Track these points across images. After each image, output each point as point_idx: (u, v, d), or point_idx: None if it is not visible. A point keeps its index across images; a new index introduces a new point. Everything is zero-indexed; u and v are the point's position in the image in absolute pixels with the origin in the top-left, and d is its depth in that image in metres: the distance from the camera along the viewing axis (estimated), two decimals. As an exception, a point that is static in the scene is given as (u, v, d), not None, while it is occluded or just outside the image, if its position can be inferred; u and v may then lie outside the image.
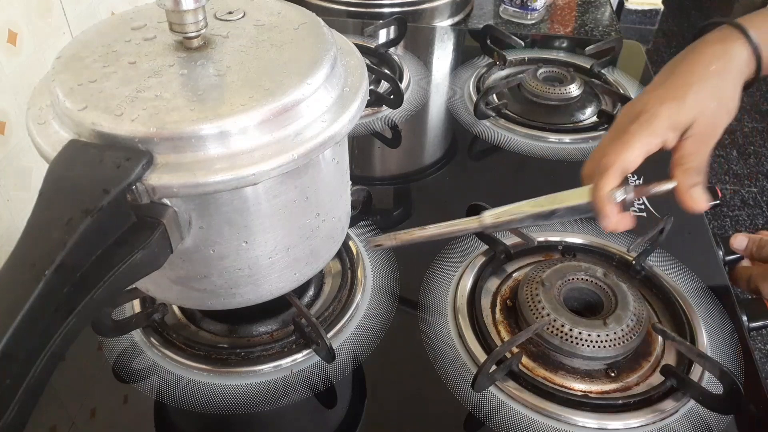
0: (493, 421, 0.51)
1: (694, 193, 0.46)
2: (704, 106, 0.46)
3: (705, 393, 0.51)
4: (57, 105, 0.39)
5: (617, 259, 0.65)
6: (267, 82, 0.40)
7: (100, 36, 0.44)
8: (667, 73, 0.49)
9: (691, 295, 0.61)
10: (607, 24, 1.19)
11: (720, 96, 0.47)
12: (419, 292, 0.62)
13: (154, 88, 0.39)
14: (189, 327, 0.58)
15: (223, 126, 0.37)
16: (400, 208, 0.77)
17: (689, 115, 0.46)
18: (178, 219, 0.40)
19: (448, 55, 1.07)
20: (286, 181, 0.43)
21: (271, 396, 0.53)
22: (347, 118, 0.42)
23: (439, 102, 0.92)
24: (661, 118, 0.45)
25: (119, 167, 0.35)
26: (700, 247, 0.67)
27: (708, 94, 0.46)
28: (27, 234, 0.33)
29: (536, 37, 1.10)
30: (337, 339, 0.58)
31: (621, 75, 0.97)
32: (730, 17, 0.50)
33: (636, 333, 0.54)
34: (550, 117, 0.86)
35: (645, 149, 0.46)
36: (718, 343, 0.57)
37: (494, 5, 1.24)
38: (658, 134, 0.46)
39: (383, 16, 1.11)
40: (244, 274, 0.46)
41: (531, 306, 0.56)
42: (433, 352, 0.56)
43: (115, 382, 0.54)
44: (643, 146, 0.45)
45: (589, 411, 0.51)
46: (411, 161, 0.85)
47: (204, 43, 0.43)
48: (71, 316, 0.33)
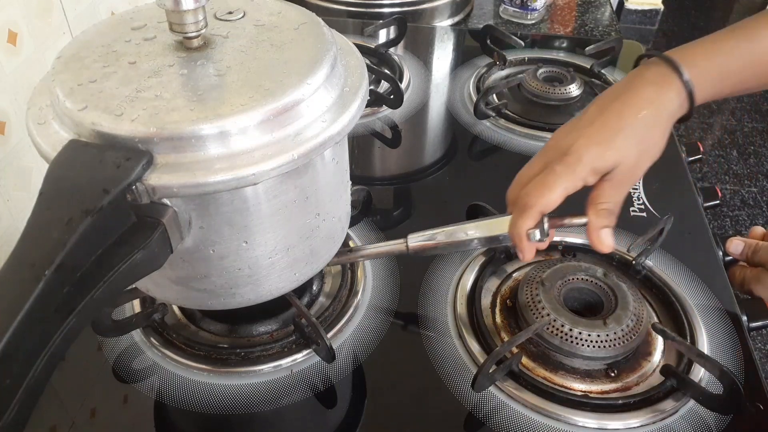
0: (493, 421, 0.51)
1: (602, 234, 0.48)
2: (628, 153, 0.47)
3: (705, 393, 0.51)
4: (57, 105, 0.39)
5: (617, 259, 0.65)
6: (267, 82, 0.40)
7: (100, 36, 0.44)
8: (599, 109, 0.49)
9: (691, 295, 0.61)
10: (607, 24, 1.19)
11: (646, 143, 0.48)
12: (419, 292, 0.62)
13: (154, 88, 0.39)
14: (189, 327, 0.58)
15: (223, 126, 0.37)
16: (400, 208, 0.77)
17: (612, 161, 0.47)
18: (178, 219, 0.40)
19: (448, 55, 1.07)
20: (286, 181, 0.43)
21: (271, 396, 0.53)
22: (347, 118, 0.42)
23: (439, 102, 0.92)
24: (585, 163, 0.46)
25: (119, 167, 0.35)
26: (700, 247, 0.67)
27: (634, 142, 0.47)
28: (27, 234, 0.33)
29: (536, 37, 1.10)
30: (337, 339, 0.58)
31: (621, 75, 0.97)
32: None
33: (636, 333, 0.54)
34: (550, 117, 0.86)
35: (566, 192, 0.47)
36: (718, 343, 0.57)
37: (494, 5, 1.24)
38: (579, 178, 0.47)
39: (383, 16, 1.11)
40: (244, 274, 0.46)
41: (531, 306, 0.56)
42: (433, 352, 0.56)
43: (115, 382, 0.54)
44: (565, 189, 0.47)
45: (589, 411, 0.51)
46: (411, 161, 0.85)
47: (204, 43, 0.43)
48: (71, 316, 0.33)
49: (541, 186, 0.47)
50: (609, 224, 0.48)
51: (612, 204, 0.48)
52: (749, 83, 0.51)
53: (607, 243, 0.48)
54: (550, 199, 0.46)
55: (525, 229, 0.47)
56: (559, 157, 0.47)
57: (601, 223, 0.48)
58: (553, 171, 0.47)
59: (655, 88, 0.48)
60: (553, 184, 0.46)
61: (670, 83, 0.48)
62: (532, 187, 0.47)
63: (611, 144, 0.46)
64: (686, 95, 0.48)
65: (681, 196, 0.75)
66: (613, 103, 0.48)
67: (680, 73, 0.48)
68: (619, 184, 0.48)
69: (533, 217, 0.47)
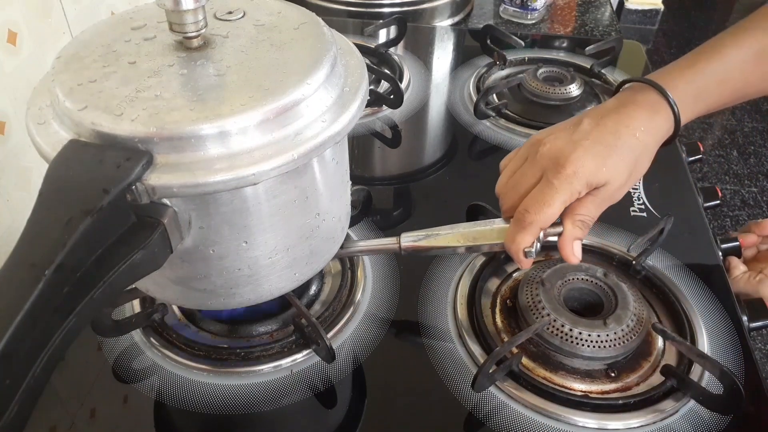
0: (493, 421, 0.51)
1: (574, 246, 0.49)
2: (619, 174, 0.47)
3: (705, 393, 0.51)
4: (57, 105, 0.39)
5: (617, 259, 0.65)
6: (267, 82, 0.40)
7: (100, 36, 0.44)
8: (594, 122, 0.49)
9: (691, 295, 0.61)
10: (607, 24, 1.19)
11: (636, 166, 0.49)
12: (419, 292, 0.62)
13: (154, 88, 0.39)
14: (189, 327, 0.58)
15: (223, 126, 0.37)
16: (400, 208, 0.77)
17: (604, 178, 0.47)
18: (178, 219, 0.40)
19: (448, 55, 1.07)
20: (286, 181, 0.42)
21: (271, 396, 0.53)
22: (347, 118, 0.42)
23: (439, 102, 0.92)
24: (581, 177, 0.46)
25: (119, 167, 0.35)
26: (700, 247, 0.67)
27: (627, 164, 0.48)
28: (27, 234, 0.33)
29: (536, 37, 1.10)
30: (337, 339, 0.58)
31: (621, 75, 0.97)
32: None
33: (636, 333, 0.54)
34: (550, 117, 0.86)
35: (563, 206, 0.47)
36: (718, 343, 0.57)
37: (494, 5, 1.24)
38: (576, 192, 0.47)
39: (383, 16, 1.11)
40: (244, 274, 0.46)
41: (531, 306, 0.56)
42: (433, 352, 0.56)
43: (115, 382, 0.54)
44: (563, 203, 0.47)
45: (589, 411, 0.51)
46: (411, 161, 0.85)
47: (204, 43, 0.43)
48: (71, 316, 0.33)
49: (541, 203, 0.47)
50: (582, 237, 0.49)
51: (589, 218, 0.49)
52: (725, 99, 0.52)
53: (578, 254, 0.50)
54: (550, 215, 0.47)
55: (525, 245, 0.48)
56: (554, 167, 0.47)
57: (576, 234, 0.49)
58: (551, 185, 0.47)
59: (647, 113, 0.49)
60: (551, 199, 0.47)
61: (659, 109, 0.49)
62: (531, 202, 0.48)
63: (606, 161, 0.47)
64: (674, 121, 0.49)
65: (681, 196, 0.75)
66: (607, 119, 0.49)
67: (667, 98, 0.49)
68: (602, 201, 0.49)
69: (533, 234, 0.48)
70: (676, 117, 0.49)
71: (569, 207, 0.48)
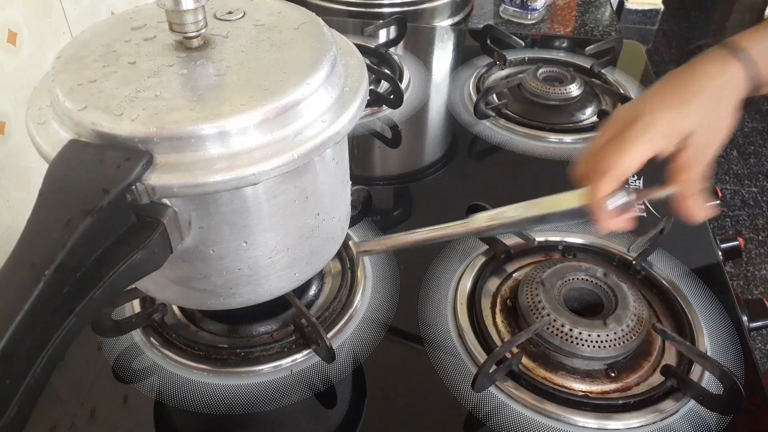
0: (493, 421, 0.51)
1: (693, 202, 0.46)
2: (703, 118, 0.45)
3: (705, 393, 0.51)
4: (57, 105, 0.39)
5: (617, 259, 0.65)
6: (267, 82, 0.40)
7: (100, 36, 0.44)
8: (662, 85, 0.48)
9: (691, 295, 0.61)
10: (607, 24, 1.19)
11: (718, 112, 0.46)
12: (419, 292, 0.62)
13: (154, 88, 0.39)
14: (189, 327, 0.58)
15: (223, 126, 0.37)
16: (400, 208, 0.77)
17: (689, 124, 0.45)
18: (178, 219, 0.40)
19: (448, 55, 1.07)
20: (286, 181, 0.42)
21: (271, 396, 0.53)
22: (347, 118, 0.42)
23: (439, 102, 0.92)
24: (660, 124, 0.44)
25: (119, 167, 0.35)
26: (700, 247, 0.67)
27: (707, 108, 0.46)
28: (27, 234, 0.33)
29: (536, 37, 1.10)
30: (337, 339, 0.58)
31: (621, 75, 0.97)
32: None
33: (636, 333, 0.54)
34: (550, 117, 0.86)
35: (643, 156, 0.45)
36: (718, 343, 0.57)
37: (494, 5, 1.24)
38: (655, 141, 0.45)
39: (383, 16, 1.11)
40: (244, 274, 0.46)
41: (531, 306, 0.56)
42: (433, 353, 0.56)
43: (115, 382, 0.54)
44: (641, 153, 0.45)
45: (589, 411, 0.51)
46: (411, 161, 0.85)
47: (204, 43, 0.43)
48: (71, 316, 0.33)
49: (617, 149, 0.45)
50: (698, 191, 0.46)
51: (697, 171, 0.46)
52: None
53: (701, 209, 0.46)
54: (627, 162, 0.44)
55: (604, 193, 0.44)
56: (629, 122, 0.45)
57: (692, 190, 0.45)
58: (626, 135, 0.45)
59: (717, 65, 0.47)
60: (628, 148, 0.44)
61: (730, 61, 0.47)
62: (606, 152, 0.45)
63: (685, 108, 0.45)
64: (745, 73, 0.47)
65: (681, 196, 0.75)
66: (676, 77, 0.47)
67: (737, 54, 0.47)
68: (699, 152, 0.46)
69: (612, 181, 0.45)
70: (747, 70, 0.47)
71: (673, 167, 0.46)
